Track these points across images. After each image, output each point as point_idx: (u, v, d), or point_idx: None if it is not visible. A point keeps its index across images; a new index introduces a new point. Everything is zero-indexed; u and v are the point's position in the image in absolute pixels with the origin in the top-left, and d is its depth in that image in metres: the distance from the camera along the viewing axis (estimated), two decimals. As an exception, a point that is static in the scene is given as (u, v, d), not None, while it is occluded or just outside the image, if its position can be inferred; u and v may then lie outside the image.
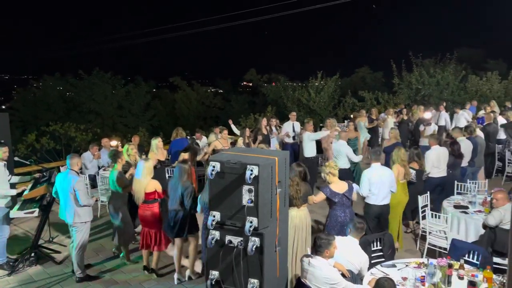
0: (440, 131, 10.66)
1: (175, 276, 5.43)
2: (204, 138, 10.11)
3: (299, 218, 5.11)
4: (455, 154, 7.26)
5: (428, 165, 6.89)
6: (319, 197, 5.40)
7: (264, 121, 9.78)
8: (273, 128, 10.13)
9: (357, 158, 7.93)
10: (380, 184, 5.70)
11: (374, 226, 5.81)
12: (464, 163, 7.67)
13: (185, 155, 6.38)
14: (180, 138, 8.62)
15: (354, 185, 5.56)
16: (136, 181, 5.45)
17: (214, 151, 7.86)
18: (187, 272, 5.47)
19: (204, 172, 9.12)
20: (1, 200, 5.70)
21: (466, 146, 7.64)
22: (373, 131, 11.47)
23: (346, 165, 7.68)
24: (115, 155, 6.06)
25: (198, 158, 7.86)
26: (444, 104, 13.74)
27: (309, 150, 8.65)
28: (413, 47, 19.84)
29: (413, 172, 6.52)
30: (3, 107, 24.78)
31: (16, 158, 6.59)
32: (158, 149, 7.24)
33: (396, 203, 6.03)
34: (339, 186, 5.32)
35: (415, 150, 6.83)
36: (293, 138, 10.03)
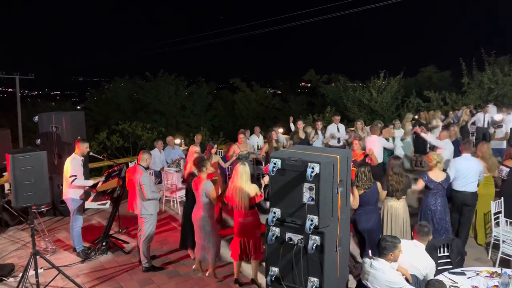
0: None
1: None
2: (261, 136, 10.33)
3: (397, 209, 5.53)
4: None
5: None
6: (420, 184, 5.68)
7: (300, 124, 9.54)
8: (319, 131, 9.86)
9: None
10: (465, 172, 5.88)
11: (455, 211, 5.98)
12: None
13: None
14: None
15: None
16: (237, 187, 4.96)
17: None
18: None
19: (260, 171, 9.40)
20: (76, 192, 6.17)
21: None
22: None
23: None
24: (200, 163, 5.24)
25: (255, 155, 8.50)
26: None
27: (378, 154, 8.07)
28: (485, 44, 18.64)
29: (506, 169, 6.21)
30: (78, 107, 26.81)
31: (91, 153, 7.09)
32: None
33: (479, 195, 6.10)
34: (436, 175, 5.59)
35: (511, 147, 6.62)
36: (338, 140, 9.72)
